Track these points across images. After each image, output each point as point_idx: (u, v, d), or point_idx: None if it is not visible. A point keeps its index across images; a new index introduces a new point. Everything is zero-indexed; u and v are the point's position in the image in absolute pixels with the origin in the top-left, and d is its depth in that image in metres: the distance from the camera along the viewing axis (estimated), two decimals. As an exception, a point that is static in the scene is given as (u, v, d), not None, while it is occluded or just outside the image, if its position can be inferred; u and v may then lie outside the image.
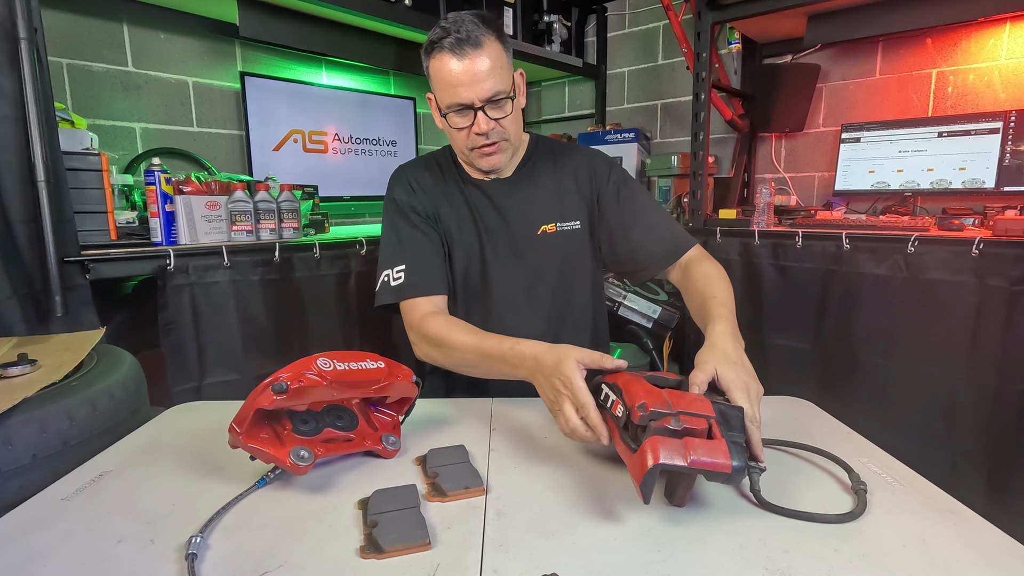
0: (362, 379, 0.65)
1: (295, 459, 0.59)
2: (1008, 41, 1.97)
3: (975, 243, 1.57)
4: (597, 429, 0.61)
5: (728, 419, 0.55)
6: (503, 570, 0.47)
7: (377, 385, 0.67)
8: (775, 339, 1.99)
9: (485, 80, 0.89)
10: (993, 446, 1.58)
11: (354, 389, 0.66)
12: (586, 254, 1.07)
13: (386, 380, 0.67)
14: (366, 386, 0.66)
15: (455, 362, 0.90)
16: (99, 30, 1.83)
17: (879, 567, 0.47)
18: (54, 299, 1.24)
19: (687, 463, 0.50)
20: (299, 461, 0.59)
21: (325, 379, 0.61)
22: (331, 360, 0.63)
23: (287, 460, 0.59)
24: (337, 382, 0.62)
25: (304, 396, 0.61)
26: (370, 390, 0.67)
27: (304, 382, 0.60)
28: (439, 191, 1.06)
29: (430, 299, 0.98)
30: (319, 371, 0.61)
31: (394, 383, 0.68)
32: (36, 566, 0.48)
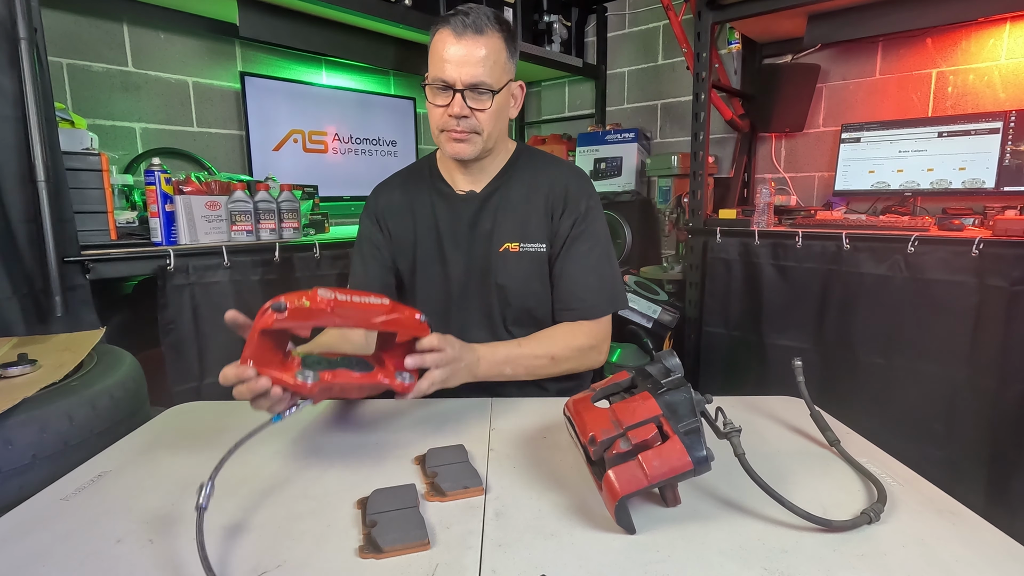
0: (364, 308, 0.65)
1: (300, 378, 0.59)
2: (1008, 41, 1.97)
3: (975, 243, 1.57)
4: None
5: (676, 408, 0.54)
6: (502, 570, 0.47)
7: (380, 318, 0.66)
8: (775, 339, 1.99)
9: (474, 66, 0.90)
10: (993, 446, 1.58)
11: (357, 318, 0.65)
12: (547, 276, 1.03)
13: (389, 314, 0.67)
14: (369, 316, 0.65)
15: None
16: (99, 30, 1.83)
17: (878, 567, 0.47)
18: (54, 299, 1.24)
19: (649, 482, 0.50)
20: (304, 379, 0.59)
21: (326, 304, 0.61)
22: (331, 291, 0.63)
23: (292, 379, 0.59)
24: (339, 307, 0.62)
25: (305, 317, 0.61)
26: (374, 323, 0.66)
27: (306, 300, 0.60)
28: (407, 209, 1.07)
29: None
30: (320, 297, 0.62)
31: (400, 318, 0.67)
32: (35, 566, 0.48)
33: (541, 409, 0.82)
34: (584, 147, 2.84)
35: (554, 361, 0.94)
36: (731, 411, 0.60)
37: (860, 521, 0.52)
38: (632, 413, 0.55)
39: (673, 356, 0.60)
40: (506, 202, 1.03)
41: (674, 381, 0.57)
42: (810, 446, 0.71)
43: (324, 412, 0.82)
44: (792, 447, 0.71)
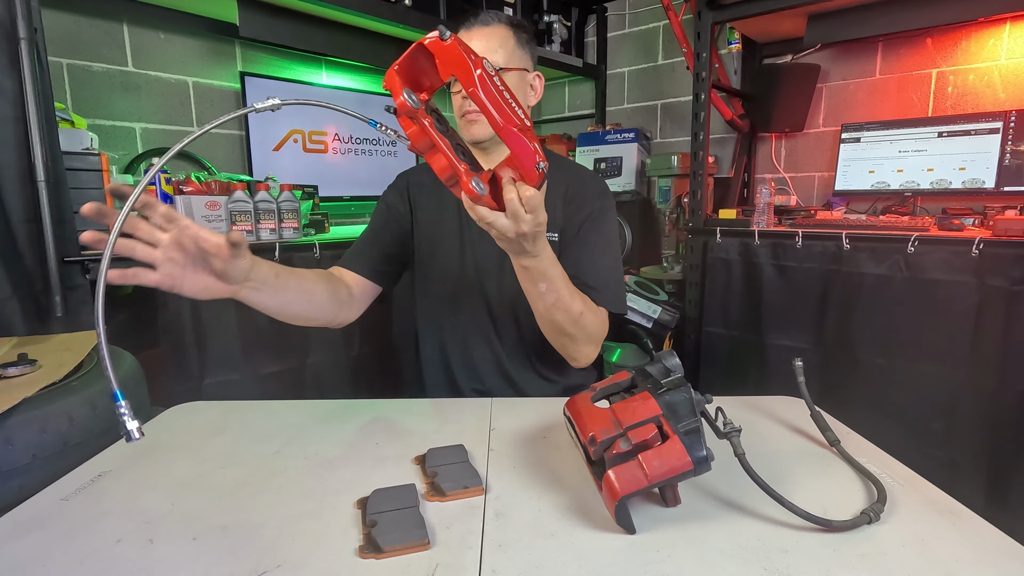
0: (507, 103, 0.64)
1: (407, 96, 0.61)
2: (1008, 41, 1.97)
3: (975, 243, 1.57)
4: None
5: (676, 408, 0.54)
6: (502, 570, 0.47)
7: (514, 126, 0.64)
8: (775, 339, 1.99)
9: (479, 49, 0.92)
10: (993, 446, 1.58)
11: (496, 102, 0.63)
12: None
13: (523, 130, 0.64)
14: (507, 111, 0.64)
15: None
16: (99, 30, 1.83)
17: (878, 567, 0.47)
18: (54, 299, 1.24)
19: (649, 482, 0.50)
20: (412, 102, 0.61)
21: (481, 70, 0.61)
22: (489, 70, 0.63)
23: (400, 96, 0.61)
24: (488, 82, 0.62)
25: (453, 64, 0.61)
26: (504, 124, 0.64)
27: (472, 57, 0.61)
28: (435, 189, 1.08)
29: (343, 271, 1.04)
30: (479, 58, 0.62)
31: (526, 142, 0.64)
32: (35, 566, 0.48)
33: (541, 409, 0.82)
34: (584, 147, 2.84)
35: (575, 322, 0.88)
36: (731, 411, 0.60)
37: (860, 521, 0.52)
38: (632, 413, 0.55)
39: (673, 356, 0.60)
40: None
41: (674, 381, 0.57)
42: (810, 446, 0.71)
43: (324, 412, 0.82)
44: (792, 447, 0.71)
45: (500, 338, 1.05)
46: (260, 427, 0.77)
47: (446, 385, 1.09)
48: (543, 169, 0.66)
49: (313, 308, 0.88)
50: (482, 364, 1.05)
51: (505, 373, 1.05)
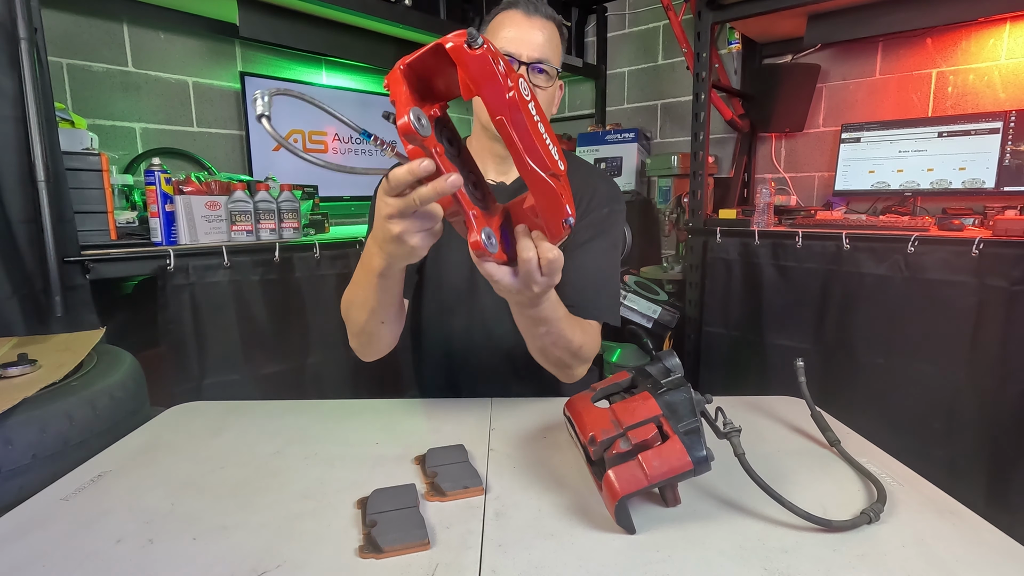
0: (539, 134, 0.54)
1: (417, 126, 0.49)
2: (1008, 41, 1.97)
3: (975, 243, 1.57)
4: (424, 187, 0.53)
5: (676, 408, 0.54)
6: (502, 570, 0.47)
7: (546, 170, 0.54)
8: (775, 339, 1.99)
9: (541, 44, 0.91)
10: (993, 446, 1.58)
11: (523, 133, 0.53)
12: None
13: (554, 175, 0.55)
14: (543, 154, 0.54)
15: (355, 314, 0.81)
16: (99, 30, 1.83)
17: (878, 567, 0.47)
18: (54, 299, 1.24)
19: (649, 482, 0.50)
20: (421, 128, 0.49)
21: (514, 86, 0.50)
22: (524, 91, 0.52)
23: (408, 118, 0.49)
24: (518, 108, 0.51)
25: (483, 75, 0.49)
26: (531, 161, 0.53)
27: (501, 62, 0.50)
28: None
29: None
30: (514, 71, 0.51)
31: (557, 190, 0.55)
32: (35, 566, 0.48)
33: (541, 409, 0.82)
34: (584, 147, 2.84)
35: (574, 355, 0.83)
36: (731, 411, 0.60)
37: (860, 521, 0.52)
38: (632, 413, 0.55)
39: (673, 356, 0.60)
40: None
41: (674, 381, 0.57)
42: (810, 446, 0.71)
43: (324, 412, 0.82)
44: (792, 447, 0.71)
45: (502, 340, 1.04)
46: (260, 427, 0.77)
47: (445, 386, 1.08)
48: (571, 225, 0.58)
49: (400, 319, 0.84)
50: (483, 365, 1.04)
51: (506, 375, 1.04)
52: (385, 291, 0.75)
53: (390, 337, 0.85)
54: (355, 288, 0.80)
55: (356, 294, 0.79)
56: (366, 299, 0.77)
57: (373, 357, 0.88)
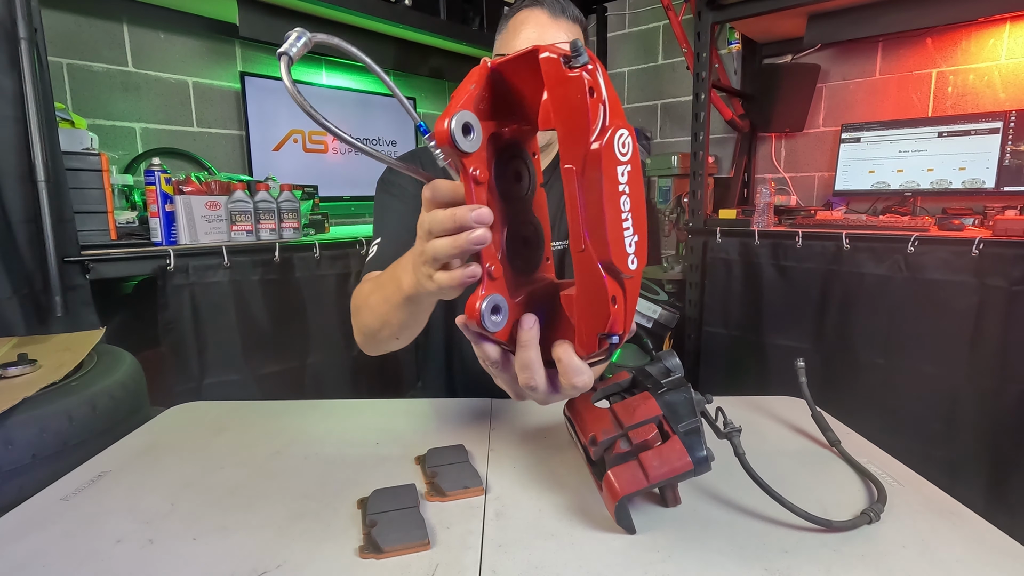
0: (619, 226, 0.40)
1: (456, 125, 0.39)
2: (1008, 41, 1.97)
3: (975, 243, 1.57)
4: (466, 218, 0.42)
5: (676, 408, 0.54)
6: (502, 570, 0.47)
7: (605, 256, 0.41)
8: (775, 339, 1.99)
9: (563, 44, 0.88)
10: (993, 446, 1.58)
11: (599, 213, 0.40)
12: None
13: (616, 275, 0.41)
14: (609, 237, 0.40)
15: (367, 319, 0.73)
16: (99, 30, 1.83)
17: (879, 567, 0.47)
18: (54, 299, 1.24)
19: (649, 482, 0.50)
20: (457, 134, 0.40)
21: (611, 134, 0.38)
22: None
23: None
24: (609, 161, 0.39)
25: (569, 109, 0.38)
26: (595, 238, 0.40)
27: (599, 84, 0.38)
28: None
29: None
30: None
31: (604, 303, 0.42)
32: (35, 566, 0.48)
33: (541, 409, 0.82)
34: (584, 147, 2.83)
35: None
36: (731, 411, 0.60)
37: (860, 521, 0.52)
38: (632, 413, 0.54)
39: (673, 356, 0.60)
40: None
41: (674, 381, 0.57)
42: (811, 446, 0.71)
43: (324, 412, 0.82)
44: (793, 447, 0.71)
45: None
46: (260, 427, 0.77)
47: (445, 387, 1.08)
48: (613, 346, 0.44)
49: (415, 336, 0.75)
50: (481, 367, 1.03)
51: None
52: (410, 315, 0.65)
53: (400, 347, 0.77)
54: (376, 293, 0.69)
55: (375, 302, 0.69)
56: (386, 313, 0.67)
57: (377, 354, 0.82)
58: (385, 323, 0.69)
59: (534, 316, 0.45)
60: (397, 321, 0.67)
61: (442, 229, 0.43)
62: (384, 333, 0.71)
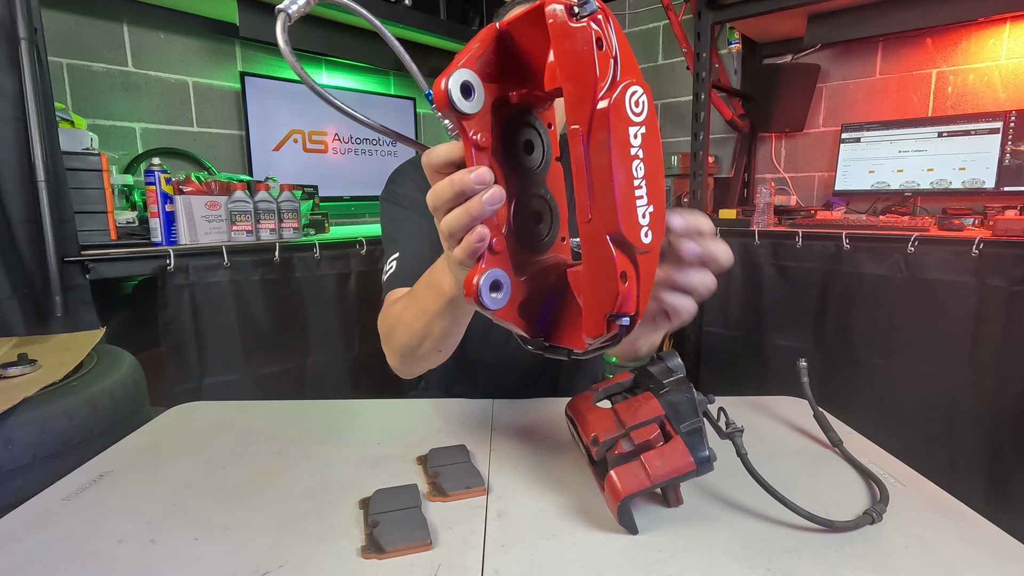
0: (627, 187, 0.36)
1: (453, 85, 0.36)
2: (1008, 41, 1.97)
3: (975, 243, 1.57)
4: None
5: (678, 408, 0.54)
6: (504, 570, 0.47)
7: (614, 228, 0.37)
8: (775, 339, 1.99)
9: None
10: (993, 446, 1.58)
11: (603, 182, 0.36)
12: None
13: (627, 249, 0.38)
14: (611, 198, 0.36)
15: (405, 337, 0.69)
16: (99, 30, 1.83)
17: (881, 568, 0.47)
18: (54, 299, 1.24)
19: (651, 482, 0.50)
20: (455, 93, 0.36)
21: (621, 91, 0.35)
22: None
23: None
24: (619, 121, 0.35)
25: (573, 63, 0.35)
26: (603, 208, 0.37)
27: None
28: None
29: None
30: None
31: (612, 280, 0.38)
32: (37, 566, 0.47)
33: (543, 409, 0.82)
34: (584, 147, 2.83)
35: None
36: (733, 411, 0.60)
37: (863, 521, 0.52)
38: (634, 413, 0.54)
39: (675, 356, 0.60)
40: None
41: (676, 381, 0.57)
42: (813, 446, 0.71)
43: (325, 412, 0.82)
44: (795, 447, 0.71)
45: (507, 344, 1.02)
46: (261, 427, 0.76)
47: (446, 388, 1.08)
48: (625, 329, 0.40)
49: (457, 344, 0.70)
50: (486, 369, 1.03)
51: (509, 378, 1.04)
52: (453, 321, 0.61)
53: (441, 360, 0.72)
54: (412, 306, 0.65)
55: (410, 317, 0.65)
56: (425, 326, 0.63)
57: (415, 375, 0.77)
58: (426, 336, 0.65)
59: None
60: (440, 331, 0.64)
61: (444, 200, 0.40)
62: (425, 347, 0.67)
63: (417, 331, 0.66)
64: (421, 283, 0.64)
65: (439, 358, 0.70)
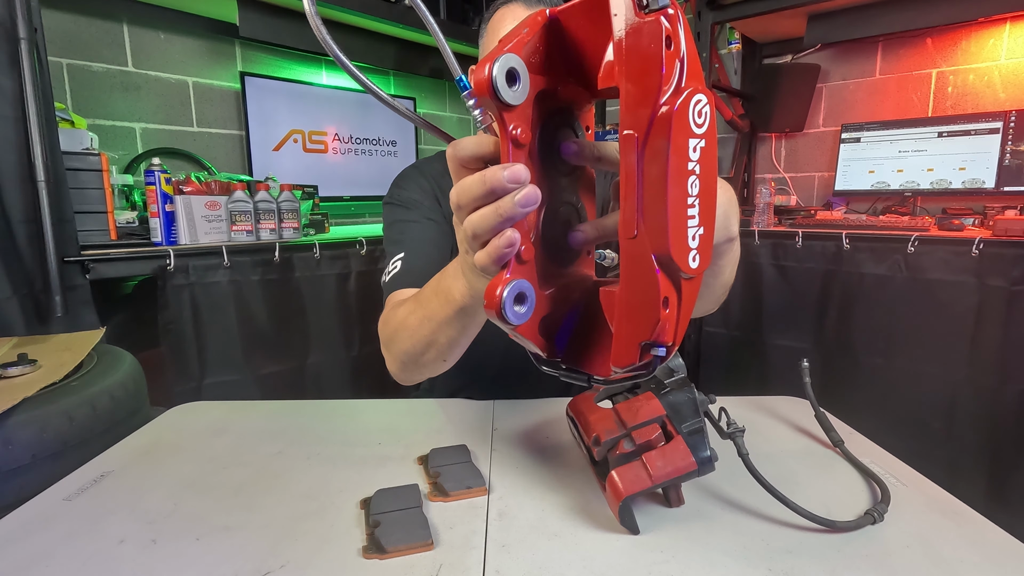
0: (679, 204, 0.33)
1: (498, 71, 0.33)
2: (1008, 41, 1.97)
3: (975, 243, 1.58)
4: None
5: (680, 409, 0.54)
6: (505, 570, 0.47)
7: (662, 249, 0.33)
8: (775, 339, 1.99)
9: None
10: (993, 446, 1.59)
11: (657, 185, 0.32)
12: None
13: (672, 272, 0.34)
14: (663, 214, 0.33)
15: (408, 344, 0.65)
16: (99, 30, 1.83)
17: (882, 568, 0.47)
18: (54, 299, 1.24)
19: (652, 482, 0.50)
20: (499, 80, 0.33)
21: (687, 95, 0.31)
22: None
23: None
24: (681, 129, 0.32)
25: (640, 61, 0.31)
26: (653, 224, 0.33)
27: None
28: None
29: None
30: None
31: (653, 306, 0.34)
32: (38, 566, 0.47)
33: (544, 409, 0.82)
34: (584, 147, 2.83)
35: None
36: (734, 411, 0.60)
37: (864, 521, 0.52)
38: (636, 413, 0.54)
39: (676, 356, 0.60)
40: None
41: (677, 381, 0.57)
42: (814, 446, 0.71)
43: (326, 412, 0.82)
44: (796, 447, 0.71)
45: (509, 346, 1.00)
46: (262, 427, 0.76)
47: (447, 389, 1.08)
48: (659, 360, 0.36)
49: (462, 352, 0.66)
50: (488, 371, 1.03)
51: (510, 380, 1.03)
52: (461, 329, 0.58)
53: (445, 369, 0.68)
54: (417, 311, 0.61)
55: (415, 322, 0.61)
56: (431, 333, 0.59)
57: (415, 383, 0.74)
58: (431, 344, 0.62)
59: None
60: (446, 339, 0.60)
61: (472, 197, 0.36)
62: (429, 355, 0.64)
63: (421, 339, 0.62)
64: (429, 288, 0.60)
65: (442, 367, 0.67)
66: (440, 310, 0.57)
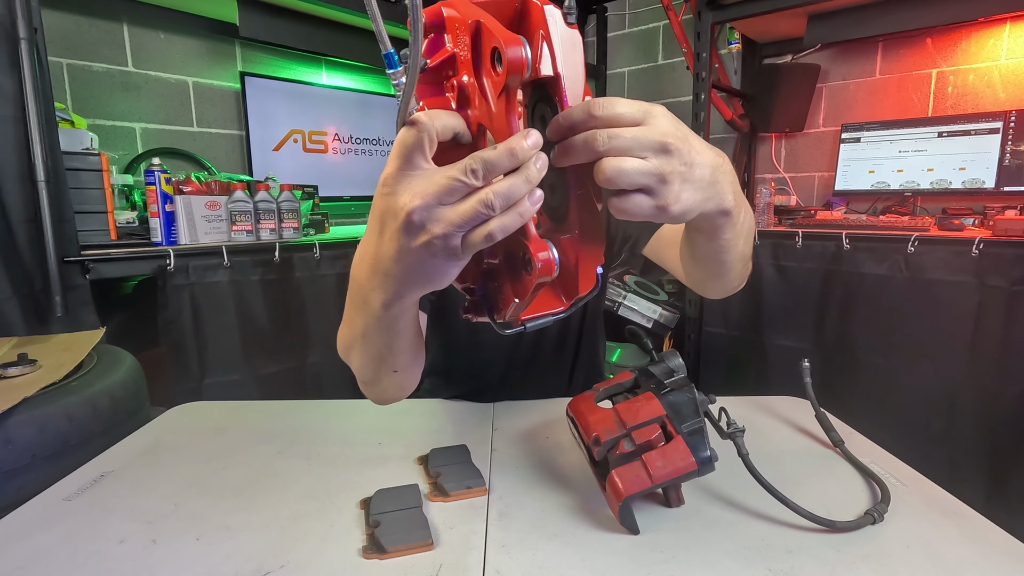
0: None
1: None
2: (1008, 41, 1.97)
3: (975, 243, 1.57)
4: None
5: (680, 409, 0.54)
6: (505, 570, 0.47)
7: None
8: (775, 339, 1.99)
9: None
10: (993, 446, 1.59)
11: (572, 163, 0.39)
12: None
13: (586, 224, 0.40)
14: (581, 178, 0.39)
15: (358, 362, 0.58)
16: (99, 30, 1.83)
17: (882, 568, 0.47)
18: (54, 299, 1.24)
19: (653, 482, 0.50)
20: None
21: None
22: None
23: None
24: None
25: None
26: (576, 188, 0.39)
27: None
28: None
29: None
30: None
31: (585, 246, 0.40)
32: (38, 566, 0.47)
33: (544, 409, 0.82)
34: (584, 147, 2.83)
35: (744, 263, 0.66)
36: (734, 411, 0.60)
37: (864, 522, 0.52)
38: (636, 413, 0.54)
39: (676, 356, 0.60)
40: None
41: (677, 381, 0.57)
42: (814, 446, 0.71)
43: (326, 412, 0.82)
44: (796, 447, 0.71)
45: (510, 347, 1.01)
46: (262, 427, 0.76)
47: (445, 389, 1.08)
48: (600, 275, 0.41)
49: (419, 358, 0.61)
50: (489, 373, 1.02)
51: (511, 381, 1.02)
52: (393, 332, 0.51)
53: (410, 382, 0.63)
54: (349, 331, 0.56)
55: (353, 338, 0.55)
56: (367, 345, 0.53)
57: (392, 402, 0.67)
58: (375, 357, 0.55)
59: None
60: (385, 347, 0.53)
61: (499, 168, 0.36)
62: (381, 371, 0.57)
63: (367, 355, 0.55)
64: (349, 309, 0.54)
65: (401, 378, 0.60)
66: (366, 322, 0.50)
